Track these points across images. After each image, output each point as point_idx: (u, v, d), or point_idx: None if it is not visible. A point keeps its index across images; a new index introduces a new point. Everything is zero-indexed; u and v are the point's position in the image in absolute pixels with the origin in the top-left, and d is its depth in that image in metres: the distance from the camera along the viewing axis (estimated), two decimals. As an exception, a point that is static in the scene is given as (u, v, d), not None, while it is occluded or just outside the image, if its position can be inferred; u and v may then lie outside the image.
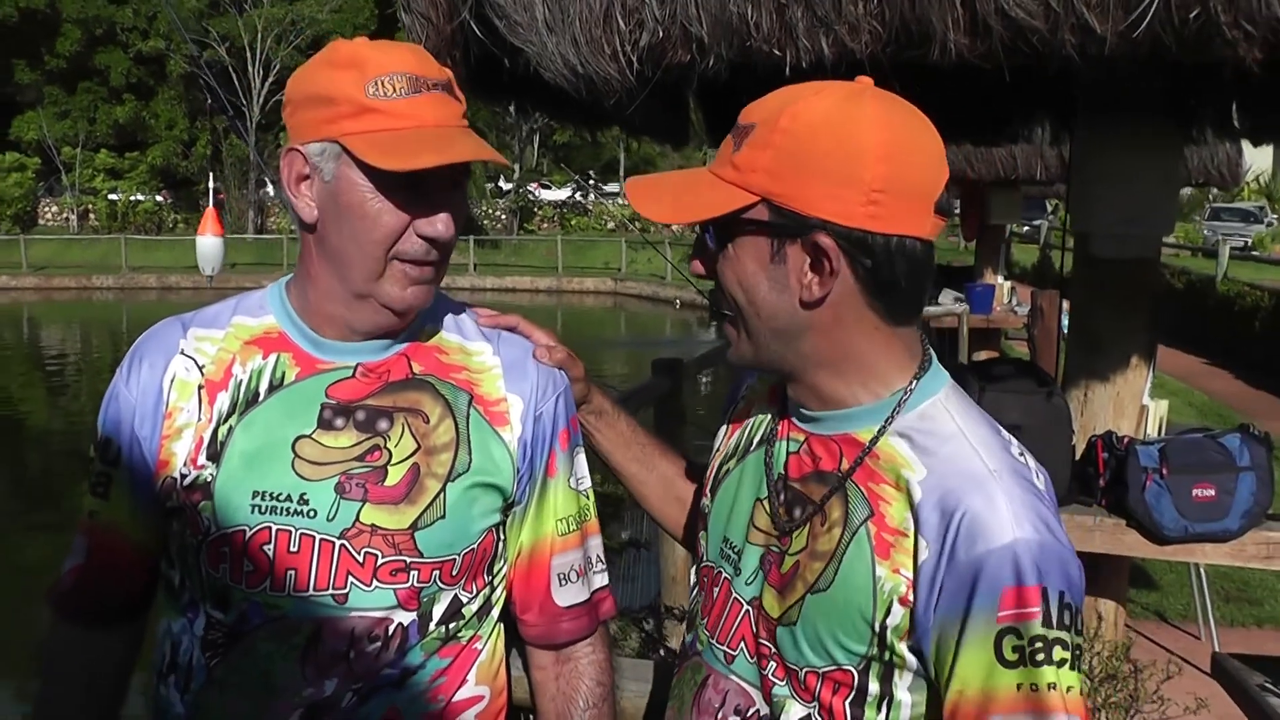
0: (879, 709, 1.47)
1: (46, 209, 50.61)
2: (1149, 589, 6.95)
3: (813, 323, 1.46)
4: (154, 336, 1.80)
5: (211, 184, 27.62)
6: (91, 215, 50.04)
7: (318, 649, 1.68)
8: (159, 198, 50.49)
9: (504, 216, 50.12)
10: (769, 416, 1.67)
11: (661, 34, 2.77)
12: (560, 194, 51.84)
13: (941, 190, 1.45)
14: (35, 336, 31.99)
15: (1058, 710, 1.34)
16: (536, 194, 51.59)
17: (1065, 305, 6.76)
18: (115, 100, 52.08)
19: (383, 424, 1.71)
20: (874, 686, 1.46)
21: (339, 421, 1.70)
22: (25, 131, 50.60)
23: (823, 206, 1.39)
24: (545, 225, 50.55)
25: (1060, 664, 1.35)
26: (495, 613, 1.85)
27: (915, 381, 1.50)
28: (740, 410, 1.77)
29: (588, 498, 1.92)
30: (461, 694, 1.79)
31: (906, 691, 1.46)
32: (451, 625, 1.76)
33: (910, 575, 1.41)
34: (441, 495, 1.71)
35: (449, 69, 1.71)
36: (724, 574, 1.63)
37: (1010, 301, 12.71)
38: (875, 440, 1.48)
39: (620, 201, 52.14)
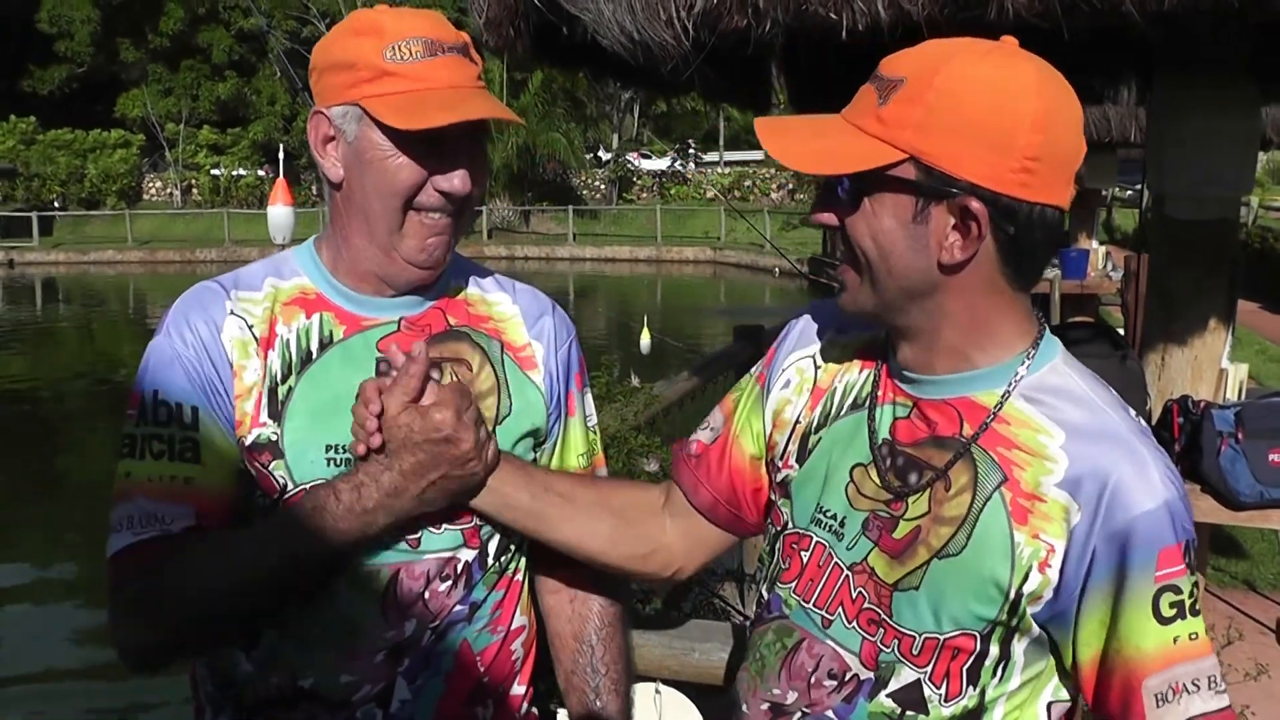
0: (994, 673, 1.49)
1: (151, 184, 51.54)
2: (1239, 558, 6.81)
3: (945, 285, 1.45)
4: (198, 299, 1.79)
5: (282, 154, 27.96)
6: (194, 190, 50.84)
7: (397, 592, 1.74)
8: (260, 172, 51.16)
9: (603, 186, 49.97)
10: (862, 380, 1.64)
11: (716, -1, 2.78)
12: (660, 163, 51.57)
13: (1082, 160, 1.44)
14: (140, 307, 32.60)
15: (1208, 654, 1.42)
16: (636, 163, 51.36)
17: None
18: (217, 77, 53.00)
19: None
20: (994, 650, 1.48)
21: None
22: (130, 109, 51.67)
23: (974, 170, 1.37)
24: (644, 195, 50.28)
25: (1198, 612, 1.42)
26: (526, 546, 1.92)
27: (1035, 347, 1.50)
28: (820, 380, 1.70)
29: (595, 434, 2.03)
30: (514, 624, 1.90)
31: (1022, 655, 1.49)
32: (503, 559, 1.86)
33: (1053, 541, 1.42)
34: (491, 440, 1.78)
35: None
36: (817, 539, 1.61)
37: (1105, 267, 12.49)
38: (1001, 404, 1.48)
39: (721, 170, 51.83)
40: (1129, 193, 36.30)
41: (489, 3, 3.15)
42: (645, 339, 15.28)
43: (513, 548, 1.87)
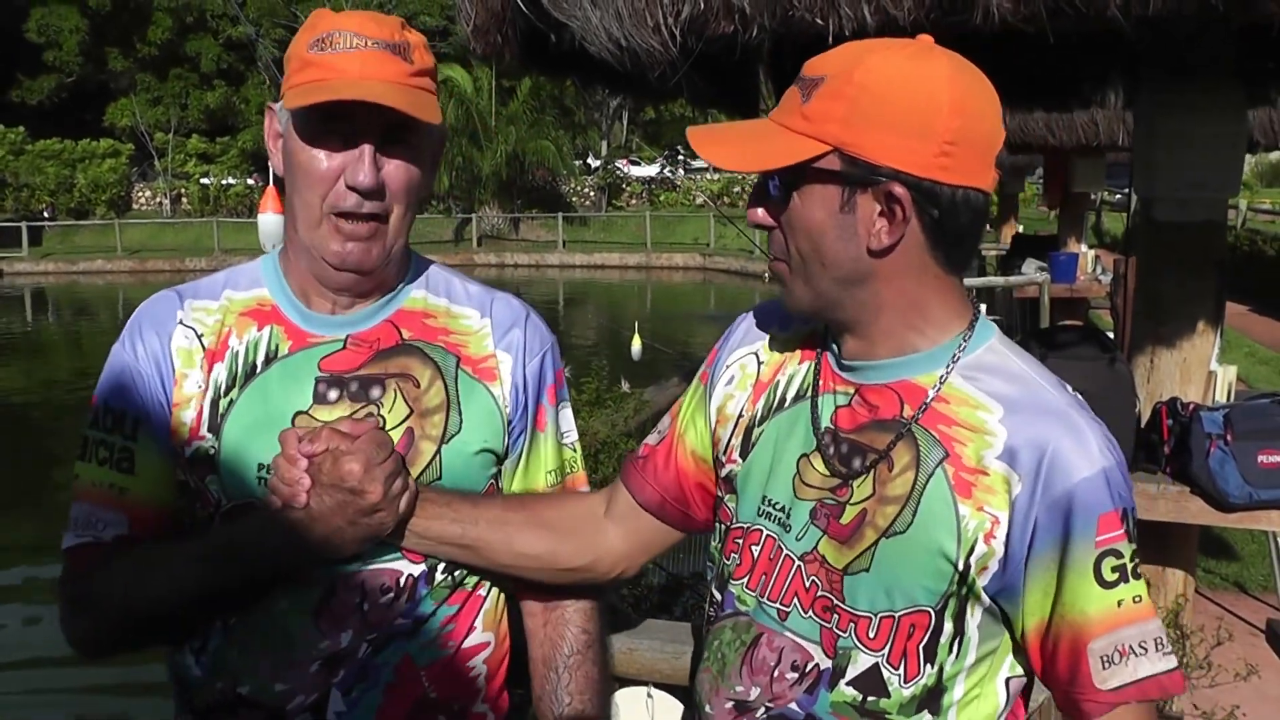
0: (951, 650, 1.51)
1: (140, 194, 51.21)
2: (1230, 559, 6.83)
3: (877, 271, 1.49)
4: (152, 308, 1.83)
5: (270, 162, 27.98)
6: (184, 199, 50.54)
7: (331, 603, 1.73)
8: (250, 181, 50.96)
9: (592, 193, 49.82)
10: (804, 371, 1.67)
11: (703, 5, 2.78)
12: (649, 170, 51.44)
13: (1001, 146, 1.49)
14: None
15: (1152, 616, 1.46)
16: (625, 170, 51.20)
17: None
18: (206, 86, 52.95)
19: (375, 391, 1.75)
20: (948, 626, 1.50)
21: (332, 394, 1.74)
22: (119, 118, 51.52)
23: (896, 157, 1.42)
24: (634, 201, 50.13)
25: (1140, 575, 1.47)
26: None
27: (970, 329, 1.55)
28: (762, 374, 1.73)
29: (574, 450, 1.98)
30: (470, 640, 1.85)
31: (975, 629, 1.51)
32: (457, 573, 1.82)
33: (997, 513, 1.46)
34: (437, 457, 1.78)
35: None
36: (767, 532, 1.63)
37: (1095, 270, 12.51)
38: (940, 384, 1.52)
39: (710, 176, 51.80)
40: (1118, 196, 36.31)
41: (476, 10, 3.15)
42: (636, 345, 15.32)
43: None
